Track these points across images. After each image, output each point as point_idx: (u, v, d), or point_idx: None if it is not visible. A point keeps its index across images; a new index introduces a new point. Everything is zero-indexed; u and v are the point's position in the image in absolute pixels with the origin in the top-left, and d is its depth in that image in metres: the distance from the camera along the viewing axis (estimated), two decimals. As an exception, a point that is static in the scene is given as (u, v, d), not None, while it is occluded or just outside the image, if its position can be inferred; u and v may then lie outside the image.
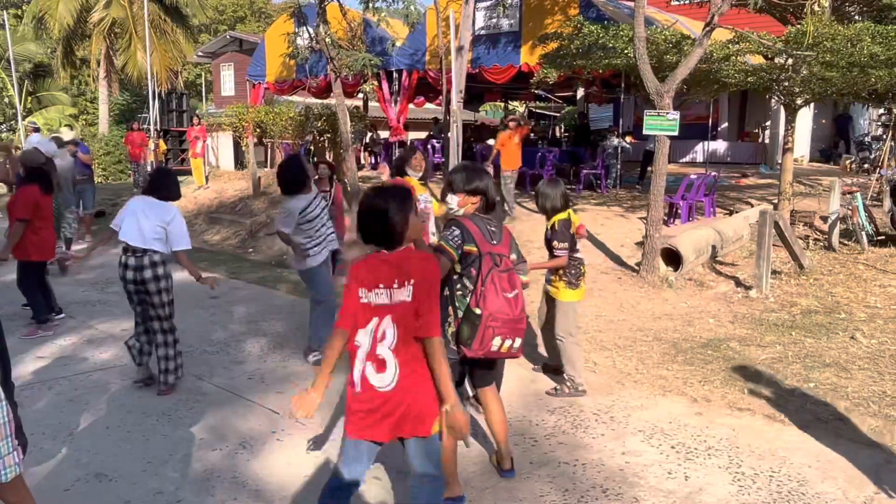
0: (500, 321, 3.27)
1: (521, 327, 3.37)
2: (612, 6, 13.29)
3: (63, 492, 3.57)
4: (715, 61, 9.86)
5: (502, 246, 3.42)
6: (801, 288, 7.69)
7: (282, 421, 4.46)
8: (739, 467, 3.90)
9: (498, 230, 3.45)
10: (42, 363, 5.52)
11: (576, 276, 4.92)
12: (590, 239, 9.23)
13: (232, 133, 17.81)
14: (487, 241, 3.34)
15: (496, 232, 3.42)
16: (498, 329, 3.28)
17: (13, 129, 24.70)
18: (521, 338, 3.39)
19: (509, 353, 3.39)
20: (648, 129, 8.04)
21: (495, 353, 3.34)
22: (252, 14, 45.91)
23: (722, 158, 17.87)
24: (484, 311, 3.26)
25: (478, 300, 3.29)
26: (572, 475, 3.82)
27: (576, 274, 4.92)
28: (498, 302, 3.27)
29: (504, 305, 3.29)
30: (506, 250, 3.44)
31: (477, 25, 12.86)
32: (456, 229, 3.33)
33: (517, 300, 3.36)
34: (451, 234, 3.33)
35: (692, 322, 6.69)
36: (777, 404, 4.77)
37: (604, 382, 5.22)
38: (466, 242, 3.31)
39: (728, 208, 11.21)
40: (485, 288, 3.27)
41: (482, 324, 3.26)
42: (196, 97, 34.25)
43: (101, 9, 23.02)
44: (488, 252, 3.32)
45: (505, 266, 3.35)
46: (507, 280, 3.34)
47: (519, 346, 3.39)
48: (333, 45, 11.89)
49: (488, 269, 3.28)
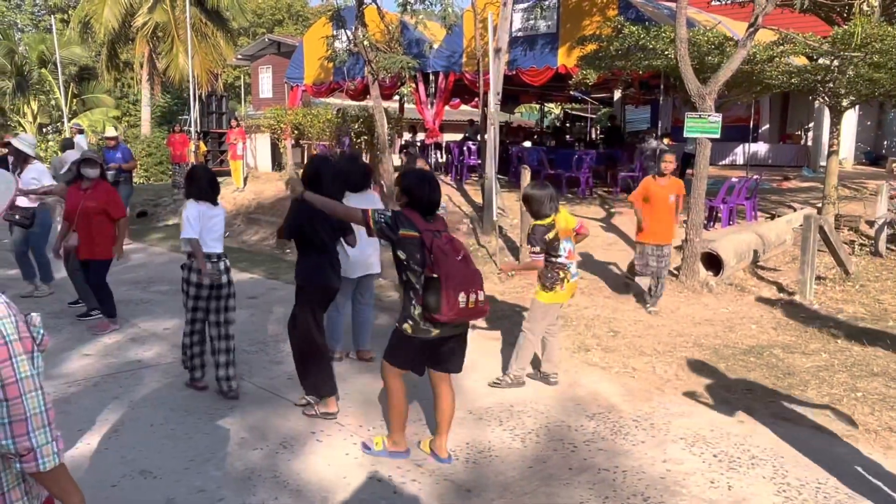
0: (457, 279, 3.59)
1: (479, 282, 3.69)
2: (652, 7, 13.13)
3: (110, 487, 3.64)
4: (758, 62, 9.68)
5: (439, 225, 3.83)
6: (847, 294, 7.51)
7: (321, 422, 4.50)
8: (784, 478, 3.82)
9: (436, 217, 3.88)
10: (88, 360, 5.65)
11: (552, 281, 4.95)
12: (628, 242, 9.13)
13: (270, 135, 18.02)
14: (425, 223, 3.74)
15: (434, 217, 3.85)
16: (458, 286, 3.58)
17: (59, 130, 25.36)
18: (482, 291, 3.69)
19: (477, 307, 3.67)
20: (689, 131, 7.92)
21: (465, 310, 3.61)
22: (290, 17, 46.45)
23: (763, 161, 17.53)
24: (440, 273, 3.57)
25: (432, 268, 3.61)
26: (612, 482, 3.78)
27: (552, 278, 4.95)
28: (448, 262, 3.60)
29: (455, 264, 3.63)
30: (442, 227, 3.84)
31: (514, 27, 12.82)
32: (390, 213, 3.77)
33: (466, 260, 3.72)
34: (382, 213, 3.76)
35: (733, 328, 6.58)
36: (823, 414, 4.66)
37: (644, 388, 5.16)
38: (402, 227, 3.68)
39: (770, 212, 11.00)
40: (434, 256, 3.61)
41: (443, 285, 3.56)
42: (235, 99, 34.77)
43: (145, 13, 23.52)
44: (427, 230, 3.69)
45: (445, 238, 3.73)
46: (451, 246, 3.69)
47: (484, 299, 3.70)
48: (371, 47, 11.97)
49: (430, 240, 3.64)
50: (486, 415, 4.66)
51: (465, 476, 3.85)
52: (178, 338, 6.22)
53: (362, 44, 11.65)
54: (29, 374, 1.61)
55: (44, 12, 39.83)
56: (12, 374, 1.57)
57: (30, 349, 1.63)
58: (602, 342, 6.18)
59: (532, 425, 4.50)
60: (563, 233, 4.94)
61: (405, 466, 3.92)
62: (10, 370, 1.57)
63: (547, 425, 4.50)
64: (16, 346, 1.59)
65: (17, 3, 41.66)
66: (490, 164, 9.90)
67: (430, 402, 4.82)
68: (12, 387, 1.58)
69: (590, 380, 5.32)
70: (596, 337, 6.32)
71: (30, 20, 41.03)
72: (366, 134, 14.97)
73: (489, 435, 4.36)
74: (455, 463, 3.99)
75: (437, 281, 3.57)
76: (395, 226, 3.69)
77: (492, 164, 9.86)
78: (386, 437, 4.07)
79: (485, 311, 3.81)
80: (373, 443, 4.09)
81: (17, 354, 1.59)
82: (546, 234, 4.86)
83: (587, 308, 7.17)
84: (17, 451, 1.60)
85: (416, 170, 4.15)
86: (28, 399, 1.60)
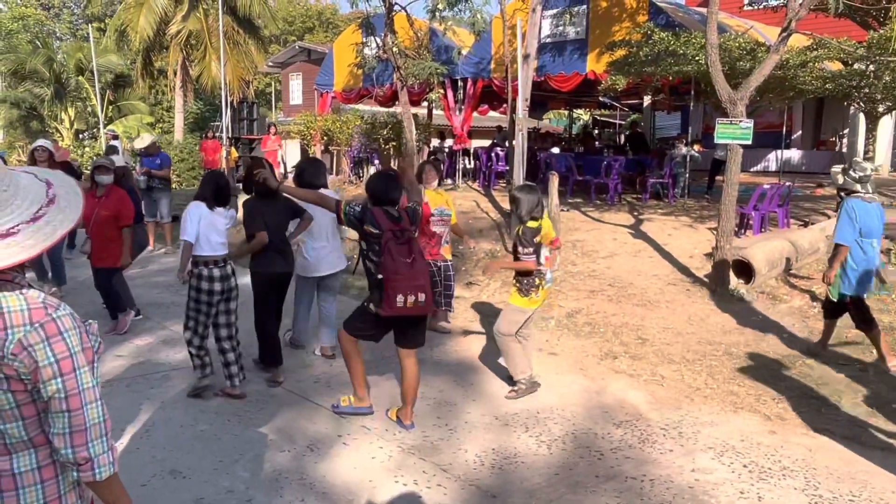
0: (397, 282, 4.00)
1: (420, 284, 4.08)
2: (682, 12, 13.04)
3: (140, 486, 3.70)
4: (791, 68, 9.56)
5: (405, 224, 4.20)
6: (882, 304, 7.34)
7: (348, 425, 4.53)
8: (816, 490, 3.75)
9: (399, 214, 4.25)
10: (120, 362, 5.75)
11: (527, 286, 4.96)
12: (656, 249, 9.05)
13: (300, 141, 18.21)
14: (390, 223, 4.13)
15: (398, 216, 4.22)
16: (398, 288, 4.00)
17: (95, 136, 25.90)
18: (425, 293, 4.10)
19: (417, 307, 4.10)
20: (720, 137, 7.83)
21: (403, 308, 4.04)
22: (320, 25, 46.94)
23: (796, 168, 17.26)
24: (384, 276, 4.03)
25: (379, 268, 4.07)
26: (640, 491, 3.74)
27: (528, 283, 4.96)
28: (394, 266, 4.02)
29: (400, 268, 4.03)
30: (408, 225, 4.22)
31: (543, 33, 12.81)
32: (359, 208, 4.21)
33: (414, 264, 4.10)
34: (353, 206, 4.23)
35: (765, 337, 6.47)
36: (857, 425, 4.57)
37: (672, 397, 5.10)
38: (367, 223, 4.11)
39: (803, 219, 10.82)
40: (383, 257, 4.04)
41: (385, 286, 4.02)
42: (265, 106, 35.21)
43: (179, 21, 23.94)
44: (390, 229, 4.09)
45: (406, 239, 4.13)
46: (406, 249, 4.10)
47: (425, 300, 4.11)
48: (400, 54, 12.04)
49: (386, 241, 4.06)
50: (512, 421, 4.65)
51: (490, 482, 3.84)
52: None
53: (391, 50, 11.72)
54: (90, 385, 1.63)
55: (81, 21, 40.81)
56: (75, 386, 1.60)
57: (91, 359, 1.66)
58: (630, 350, 6.12)
59: (558, 432, 4.48)
60: (543, 239, 5.01)
61: (430, 471, 3.93)
62: (73, 382, 1.59)
63: (573, 432, 4.48)
64: (79, 357, 1.61)
65: (56, 13, 42.73)
66: (518, 170, 9.89)
67: (437, 404, 4.83)
68: (75, 398, 1.60)
69: (617, 387, 5.28)
70: (623, 344, 6.27)
71: (68, 29, 42.06)
72: (394, 140, 15.05)
73: (515, 441, 4.34)
74: (481, 469, 3.99)
75: (382, 282, 4.04)
76: (361, 220, 4.14)
77: (520, 170, 9.85)
78: (351, 396, 4.56)
79: (426, 310, 4.25)
80: (339, 401, 4.63)
81: (80, 366, 1.61)
82: (535, 236, 4.92)
83: (615, 315, 7.11)
84: (76, 460, 1.62)
85: (381, 171, 4.68)
86: (89, 410, 1.62)
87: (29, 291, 1.62)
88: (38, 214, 1.61)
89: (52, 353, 1.57)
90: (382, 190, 4.27)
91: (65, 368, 1.58)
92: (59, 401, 1.59)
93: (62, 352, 1.58)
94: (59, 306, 1.63)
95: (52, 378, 1.57)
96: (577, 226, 10.21)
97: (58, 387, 1.58)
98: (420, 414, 4.72)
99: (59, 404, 1.59)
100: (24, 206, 1.61)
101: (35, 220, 1.60)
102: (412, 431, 4.42)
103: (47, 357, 1.56)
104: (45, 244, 1.60)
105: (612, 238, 9.59)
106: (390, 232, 4.08)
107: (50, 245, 1.62)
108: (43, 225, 1.61)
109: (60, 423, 1.60)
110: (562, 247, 5.54)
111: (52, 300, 1.64)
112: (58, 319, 1.60)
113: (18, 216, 1.59)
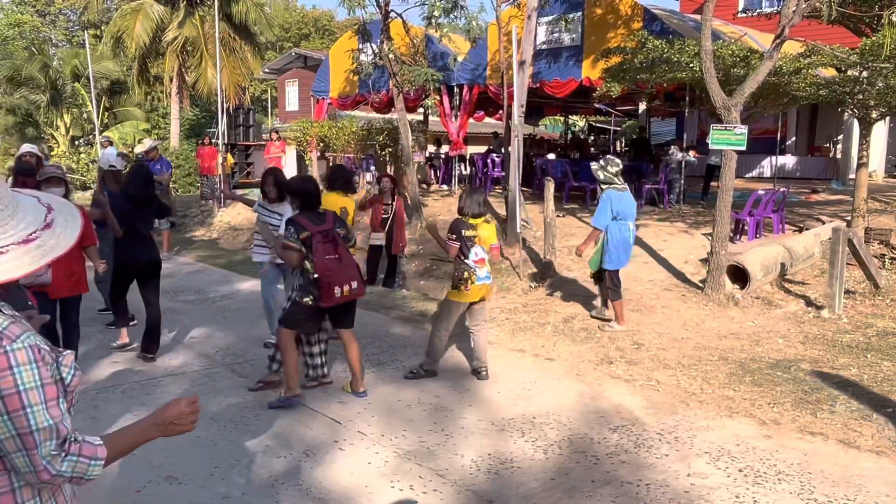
0: (331, 276, 4.59)
1: (351, 274, 4.71)
2: (677, 19, 13.10)
3: (135, 493, 3.70)
4: (785, 74, 9.60)
5: (328, 225, 4.73)
6: (877, 309, 7.38)
7: (344, 430, 4.53)
8: (812, 494, 3.76)
9: (322, 216, 4.79)
10: (116, 367, 5.75)
11: (457, 279, 5.34)
12: (652, 255, 9.08)
13: (296, 147, 18.22)
14: (315, 225, 4.67)
15: (320, 217, 4.76)
16: (332, 281, 4.59)
17: (90, 142, 25.87)
18: (357, 282, 4.74)
19: (352, 294, 4.74)
20: (715, 143, 7.87)
21: (341, 298, 4.66)
22: (316, 31, 47.03)
23: (790, 173, 17.32)
24: (318, 272, 4.60)
25: (313, 266, 4.62)
26: (636, 495, 3.75)
27: (458, 277, 5.32)
28: (324, 262, 4.59)
29: (329, 263, 4.60)
30: (331, 226, 4.74)
31: (538, 40, 12.86)
32: (291, 227, 4.68)
33: (340, 258, 4.67)
34: (288, 234, 4.68)
35: (760, 342, 6.49)
36: (852, 429, 4.58)
37: (668, 401, 5.11)
38: (300, 232, 4.63)
39: (797, 225, 10.86)
40: (315, 256, 4.60)
41: (320, 282, 4.60)
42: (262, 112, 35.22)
43: (175, 28, 23.92)
44: (317, 231, 4.65)
45: (330, 238, 4.67)
46: (331, 247, 4.65)
47: (357, 288, 4.75)
48: (396, 60, 12.07)
49: (316, 242, 4.60)
50: (508, 426, 4.65)
51: (487, 487, 3.84)
52: (204, 347, 6.33)
53: (387, 57, 11.76)
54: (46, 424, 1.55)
55: (77, 28, 40.80)
56: (25, 425, 1.52)
57: (55, 395, 1.57)
58: (626, 354, 6.14)
59: (554, 437, 4.48)
60: (480, 241, 5.32)
61: (427, 477, 3.93)
62: (22, 420, 1.52)
63: (569, 437, 4.49)
64: (31, 394, 1.53)
65: (52, 20, 42.72)
66: (514, 177, 9.91)
67: (434, 409, 4.83)
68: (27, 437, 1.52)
69: (613, 392, 5.29)
70: (620, 349, 6.28)
71: (64, 36, 42.03)
72: (390, 146, 15.07)
73: (511, 446, 4.35)
74: (477, 474, 3.99)
75: (318, 280, 4.60)
76: (297, 234, 4.64)
77: (516, 177, 9.87)
78: (283, 389, 4.95)
79: (361, 294, 4.89)
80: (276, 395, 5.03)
81: (32, 404, 1.53)
82: (464, 230, 5.29)
83: (611, 321, 7.13)
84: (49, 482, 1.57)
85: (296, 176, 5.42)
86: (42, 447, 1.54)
87: None
88: (32, 237, 1.56)
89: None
90: (308, 193, 4.82)
91: (10, 405, 1.50)
92: (10, 440, 1.52)
93: (8, 388, 1.49)
94: (18, 338, 1.53)
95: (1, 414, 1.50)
96: (573, 231, 10.23)
97: (5, 426, 1.50)
98: (416, 419, 4.73)
99: (11, 444, 1.52)
100: (20, 228, 1.56)
101: (27, 241, 1.55)
102: (407, 436, 4.43)
103: None
104: (31, 268, 1.54)
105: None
106: (318, 234, 4.63)
107: (36, 269, 1.56)
108: (34, 248, 1.55)
109: (19, 461, 1.54)
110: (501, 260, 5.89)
111: (12, 330, 1.54)
112: (11, 353, 1.50)
113: (11, 237, 1.54)
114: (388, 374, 5.64)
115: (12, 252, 1.53)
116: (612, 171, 6.80)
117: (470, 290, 5.30)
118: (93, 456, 1.62)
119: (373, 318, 7.45)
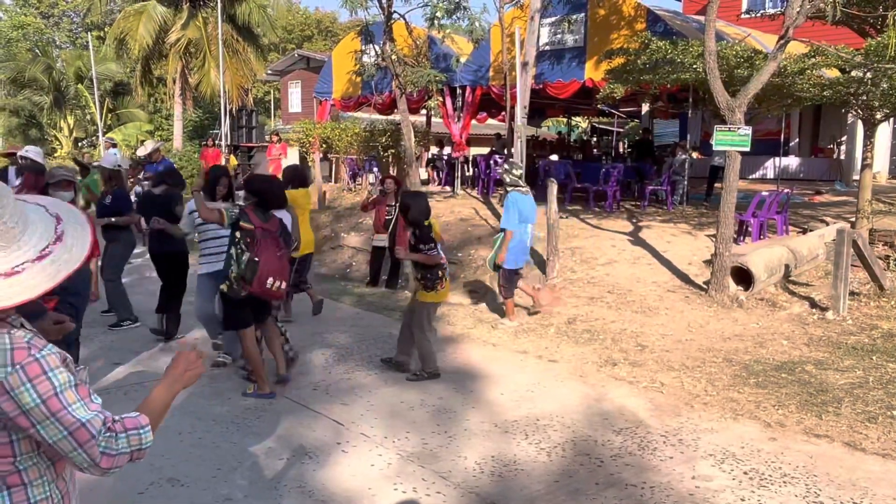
0: (271, 268, 4.85)
1: (284, 275, 4.97)
2: (680, 20, 13.08)
3: (137, 494, 3.68)
4: (789, 75, 9.58)
5: (271, 226, 5.02)
6: (882, 310, 7.35)
7: (347, 432, 4.51)
8: (818, 496, 3.73)
9: (271, 217, 5.06)
10: (118, 369, 5.74)
11: (432, 280, 5.44)
12: (655, 256, 9.05)
13: (299, 148, 18.23)
14: (262, 222, 4.96)
15: (268, 217, 5.04)
16: (270, 272, 4.84)
17: (94, 144, 25.91)
18: (286, 284, 5.00)
19: (278, 291, 4.97)
20: (719, 144, 7.85)
21: (268, 290, 4.87)
22: (319, 33, 47.06)
23: (794, 175, 17.27)
24: (261, 259, 4.83)
25: (256, 254, 4.82)
26: (640, 498, 3.73)
27: (432, 278, 5.44)
28: (269, 255, 4.87)
29: (273, 258, 4.88)
30: (274, 229, 5.02)
31: (541, 41, 12.84)
32: (237, 209, 4.99)
33: (282, 258, 4.97)
34: (230, 211, 4.98)
35: (764, 343, 6.47)
36: (857, 432, 4.56)
37: (672, 404, 5.09)
38: (242, 219, 4.90)
39: (801, 226, 10.83)
40: (260, 247, 4.85)
41: (260, 268, 4.82)
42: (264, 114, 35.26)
43: (178, 30, 23.97)
44: (261, 227, 4.92)
45: (272, 238, 4.96)
46: (273, 244, 4.94)
47: (284, 288, 4.99)
48: (399, 61, 12.07)
49: (261, 235, 4.89)
50: (511, 428, 4.63)
51: (490, 489, 3.82)
52: (206, 347, 6.30)
53: (390, 58, 11.75)
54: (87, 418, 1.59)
55: (81, 30, 40.89)
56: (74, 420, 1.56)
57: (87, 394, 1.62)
58: (629, 356, 6.11)
59: (558, 439, 4.46)
60: (437, 237, 5.55)
61: (430, 479, 3.91)
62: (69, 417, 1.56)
63: (573, 439, 4.46)
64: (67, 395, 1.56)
65: (55, 22, 42.82)
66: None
67: (437, 411, 4.82)
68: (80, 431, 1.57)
69: (617, 394, 5.27)
70: (623, 351, 6.26)
71: (67, 37, 42.13)
72: (393, 147, 15.07)
73: (515, 448, 4.33)
74: (480, 476, 3.97)
75: (257, 264, 4.81)
76: (240, 219, 4.91)
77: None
78: (254, 385, 5.11)
79: (282, 296, 5.19)
80: (247, 388, 5.18)
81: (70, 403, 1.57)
82: (430, 233, 5.45)
83: (614, 322, 7.11)
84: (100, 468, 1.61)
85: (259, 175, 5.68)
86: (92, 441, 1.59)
87: (16, 332, 1.55)
88: (45, 252, 1.56)
89: (37, 394, 1.51)
90: (262, 192, 5.08)
91: (53, 407, 1.52)
92: (63, 440, 1.54)
93: (46, 391, 1.52)
94: (45, 346, 1.56)
95: (45, 419, 1.52)
96: (576, 233, 10.21)
97: (55, 428, 1.53)
98: (419, 421, 4.71)
99: (66, 444, 1.54)
100: (32, 243, 1.56)
101: (41, 258, 1.55)
102: (410, 438, 4.41)
103: (32, 399, 1.50)
104: (48, 286, 1.54)
105: (610, 245, 9.59)
106: (261, 229, 4.91)
107: (52, 287, 1.56)
108: (48, 265, 1.55)
109: (78, 458, 1.57)
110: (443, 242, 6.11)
111: (37, 342, 1.56)
112: (42, 359, 1.54)
113: (25, 254, 1.54)
114: (391, 375, 5.63)
115: (28, 271, 1.53)
116: (516, 174, 7.14)
117: (444, 287, 5.54)
118: (138, 425, 1.68)
119: (376, 320, 7.43)
